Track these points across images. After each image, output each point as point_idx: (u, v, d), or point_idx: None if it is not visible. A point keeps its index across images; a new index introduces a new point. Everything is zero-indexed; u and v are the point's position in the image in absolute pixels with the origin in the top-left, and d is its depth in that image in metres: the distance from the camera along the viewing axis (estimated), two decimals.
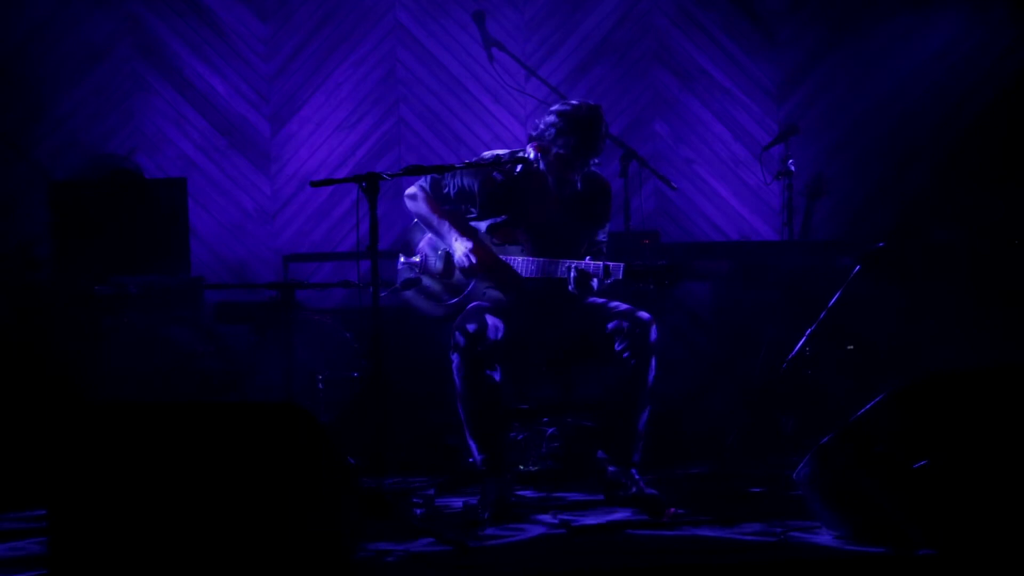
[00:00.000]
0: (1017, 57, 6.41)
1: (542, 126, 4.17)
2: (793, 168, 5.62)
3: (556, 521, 3.80)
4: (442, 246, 4.35)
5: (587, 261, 4.09)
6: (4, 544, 3.70)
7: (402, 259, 4.48)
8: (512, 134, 6.47)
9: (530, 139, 4.23)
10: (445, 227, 4.28)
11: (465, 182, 4.31)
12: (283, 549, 2.95)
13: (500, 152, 4.30)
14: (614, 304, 4.18)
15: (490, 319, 4.09)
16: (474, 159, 4.33)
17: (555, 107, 4.19)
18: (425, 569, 3.25)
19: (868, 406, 3.37)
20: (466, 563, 3.30)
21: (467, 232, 4.26)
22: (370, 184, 3.67)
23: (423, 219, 4.36)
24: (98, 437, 3.01)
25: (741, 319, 5.32)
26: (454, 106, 6.54)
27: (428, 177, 4.36)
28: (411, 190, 4.41)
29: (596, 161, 4.23)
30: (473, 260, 4.17)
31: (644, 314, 4.10)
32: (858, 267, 4.48)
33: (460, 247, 4.20)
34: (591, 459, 4.37)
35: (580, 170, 4.19)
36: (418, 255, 4.44)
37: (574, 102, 4.19)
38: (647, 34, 6.58)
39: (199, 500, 2.97)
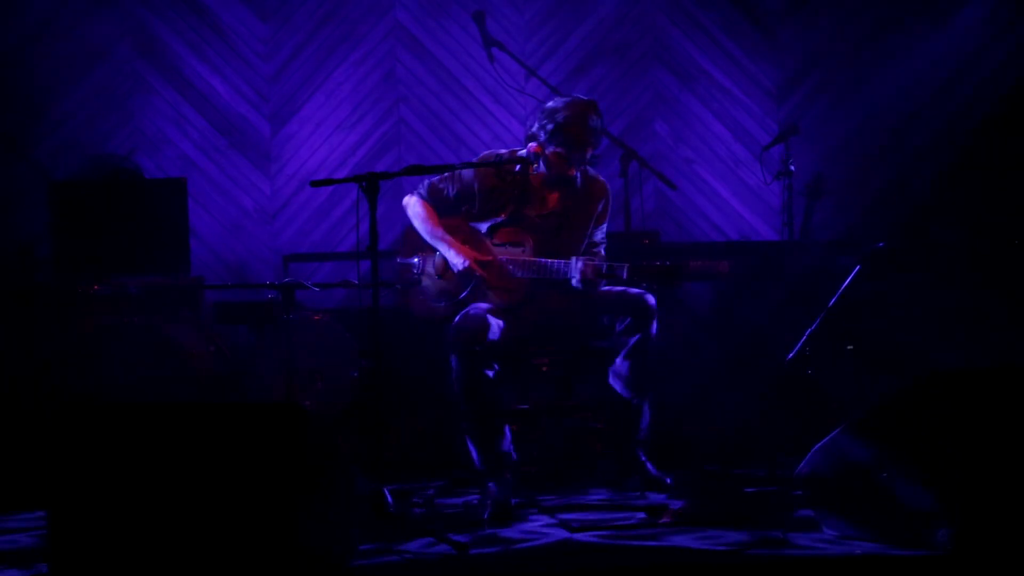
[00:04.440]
0: (1019, 58, 6.40)
1: (536, 125, 4.18)
2: (793, 168, 5.62)
3: (556, 521, 3.80)
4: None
5: (593, 261, 4.11)
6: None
7: (400, 259, 4.48)
8: (512, 134, 6.47)
9: (527, 138, 4.24)
10: (439, 239, 4.27)
11: (464, 182, 4.32)
12: (283, 549, 2.95)
13: (499, 152, 4.30)
14: (609, 288, 4.20)
15: (490, 319, 4.09)
16: (474, 159, 4.33)
17: (547, 104, 4.20)
18: (425, 570, 3.25)
19: (868, 406, 3.37)
20: (466, 563, 3.30)
21: (468, 240, 4.26)
22: (370, 184, 3.67)
23: (422, 231, 4.34)
24: (98, 438, 3.01)
25: (741, 319, 5.32)
26: (454, 106, 6.54)
27: (425, 184, 4.37)
28: (408, 200, 4.39)
29: (595, 153, 4.23)
30: (474, 274, 4.18)
31: (640, 291, 4.12)
32: (858, 267, 4.47)
33: (459, 262, 4.20)
34: (591, 459, 4.37)
35: (578, 166, 4.19)
36: (417, 255, 4.43)
37: (565, 98, 4.19)
38: (647, 34, 6.58)
39: (199, 501, 2.97)
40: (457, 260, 4.21)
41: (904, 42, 6.45)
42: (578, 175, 4.24)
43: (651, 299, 4.12)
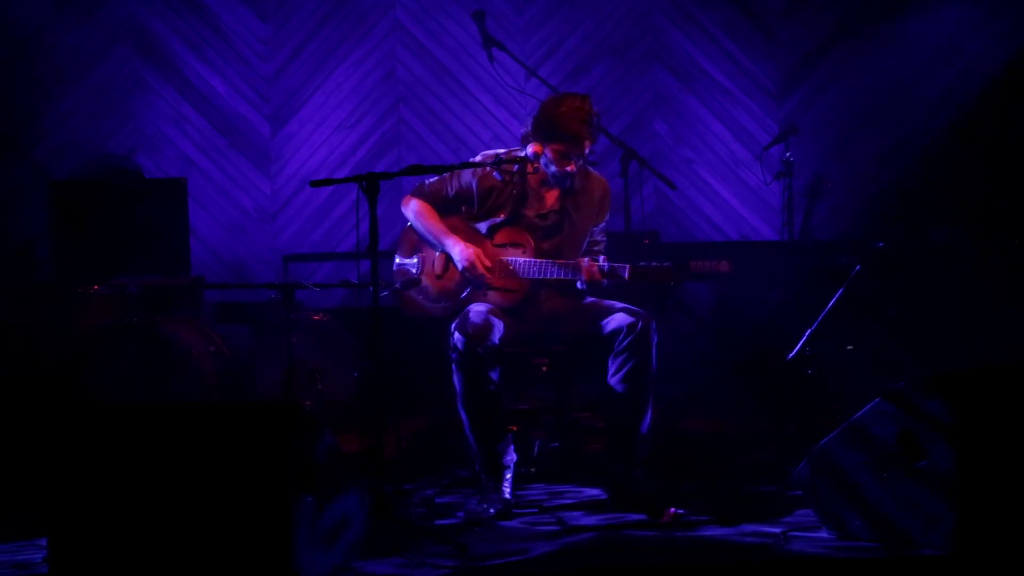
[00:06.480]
0: (1017, 57, 6.41)
1: (532, 123, 4.18)
2: (793, 168, 5.62)
3: (556, 521, 3.80)
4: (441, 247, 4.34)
5: (597, 262, 4.09)
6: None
7: (399, 259, 4.48)
8: (512, 134, 6.47)
9: (523, 137, 4.23)
10: (442, 235, 4.27)
11: (464, 182, 4.31)
12: (283, 548, 2.95)
13: (499, 151, 4.30)
14: (613, 304, 4.18)
15: (491, 319, 4.09)
16: (473, 159, 4.33)
17: (542, 102, 4.19)
18: (425, 570, 3.25)
19: (868, 406, 3.37)
20: (466, 564, 3.30)
21: (470, 240, 4.25)
22: (370, 184, 3.67)
23: (423, 231, 4.34)
24: (98, 438, 3.01)
25: (741, 319, 5.32)
26: (454, 106, 6.54)
27: (424, 184, 4.36)
28: (407, 200, 4.39)
29: (594, 149, 4.22)
30: (477, 271, 4.17)
31: (644, 313, 4.10)
32: (858, 267, 4.48)
33: (462, 259, 4.19)
34: (592, 459, 4.37)
35: (576, 162, 4.18)
36: (416, 255, 4.43)
37: (559, 94, 4.20)
38: (647, 34, 6.58)
39: (199, 500, 2.97)
40: (462, 257, 4.20)
41: (903, 41, 6.46)
42: (576, 174, 4.23)
43: (652, 325, 4.06)
